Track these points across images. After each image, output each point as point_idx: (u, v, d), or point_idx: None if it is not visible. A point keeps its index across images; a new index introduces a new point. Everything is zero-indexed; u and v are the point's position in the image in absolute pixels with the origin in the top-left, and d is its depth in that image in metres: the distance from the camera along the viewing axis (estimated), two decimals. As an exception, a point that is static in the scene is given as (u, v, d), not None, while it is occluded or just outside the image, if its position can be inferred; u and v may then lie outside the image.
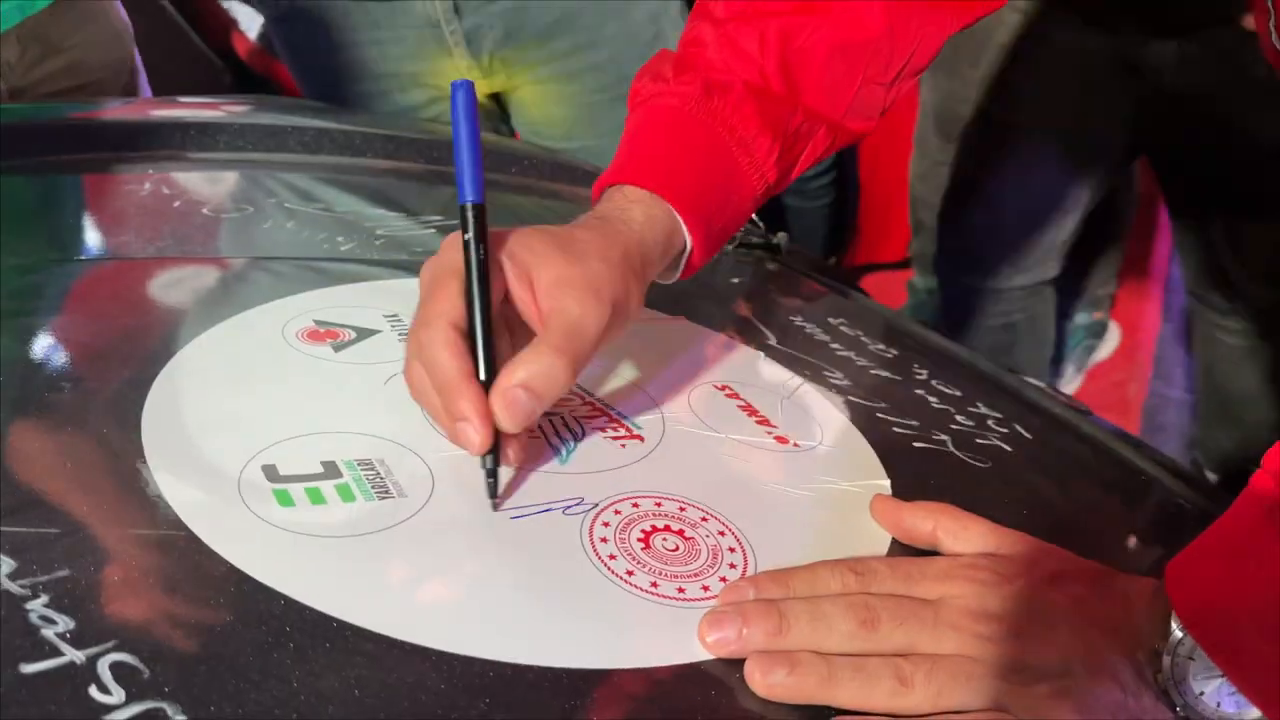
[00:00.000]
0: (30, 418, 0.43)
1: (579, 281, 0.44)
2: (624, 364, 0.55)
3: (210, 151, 0.78)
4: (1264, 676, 0.35)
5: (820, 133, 0.56)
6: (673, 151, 0.53)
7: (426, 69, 1.04)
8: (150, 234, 0.64)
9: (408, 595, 0.37)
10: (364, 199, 0.77)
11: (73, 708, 0.31)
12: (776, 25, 0.54)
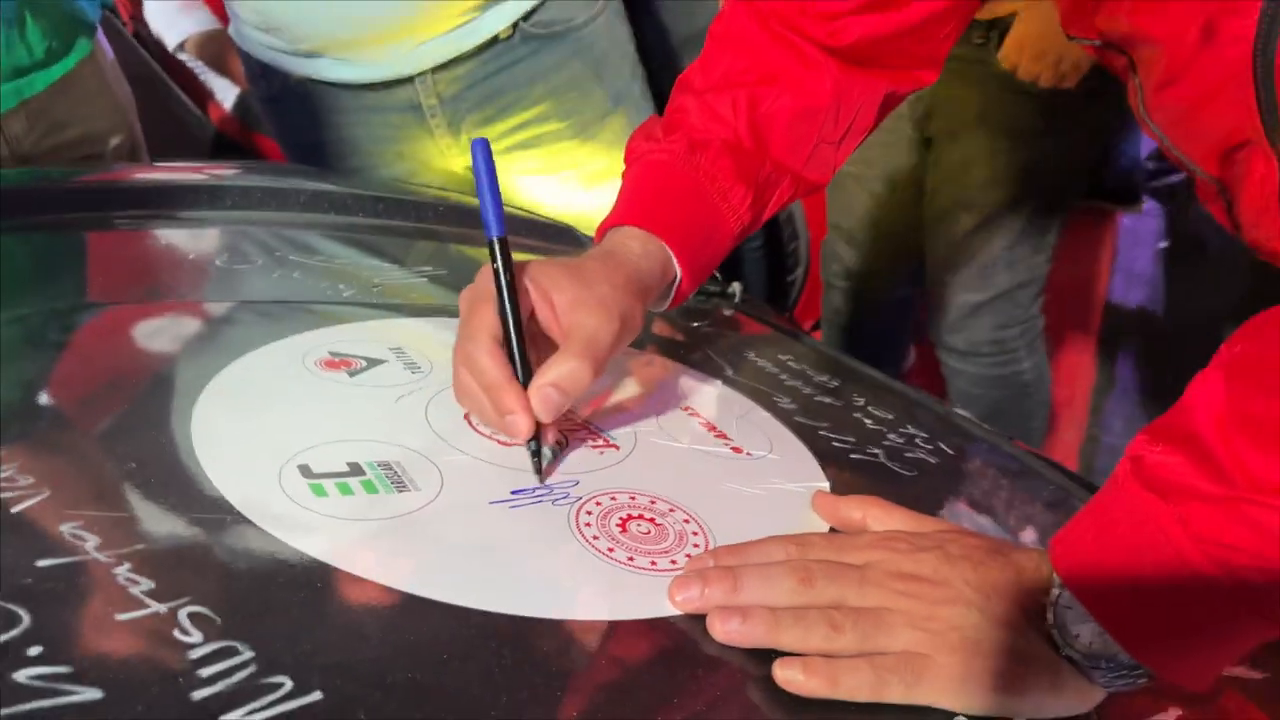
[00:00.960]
0: (97, 430, 0.50)
1: (592, 301, 0.54)
2: (608, 394, 0.63)
3: (219, 210, 0.86)
4: (1124, 618, 0.44)
5: (785, 182, 0.66)
6: (663, 198, 0.63)
7: (408, 146, 1.13)
8: (173, 282, 0.71)
9: (425, 562, 0.45)
10: (359, 252, 0.85)
11: (162, 646, 0.38)
12: (745, 94, 0.65)
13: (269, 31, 1.06)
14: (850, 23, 0.64)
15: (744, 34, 0.67)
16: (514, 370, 0.53)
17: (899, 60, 0.67)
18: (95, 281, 0.70)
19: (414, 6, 0.99)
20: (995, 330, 1.40)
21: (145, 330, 0.62)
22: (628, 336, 0.57)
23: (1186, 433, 0.43)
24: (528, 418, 0.51)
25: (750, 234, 0.68)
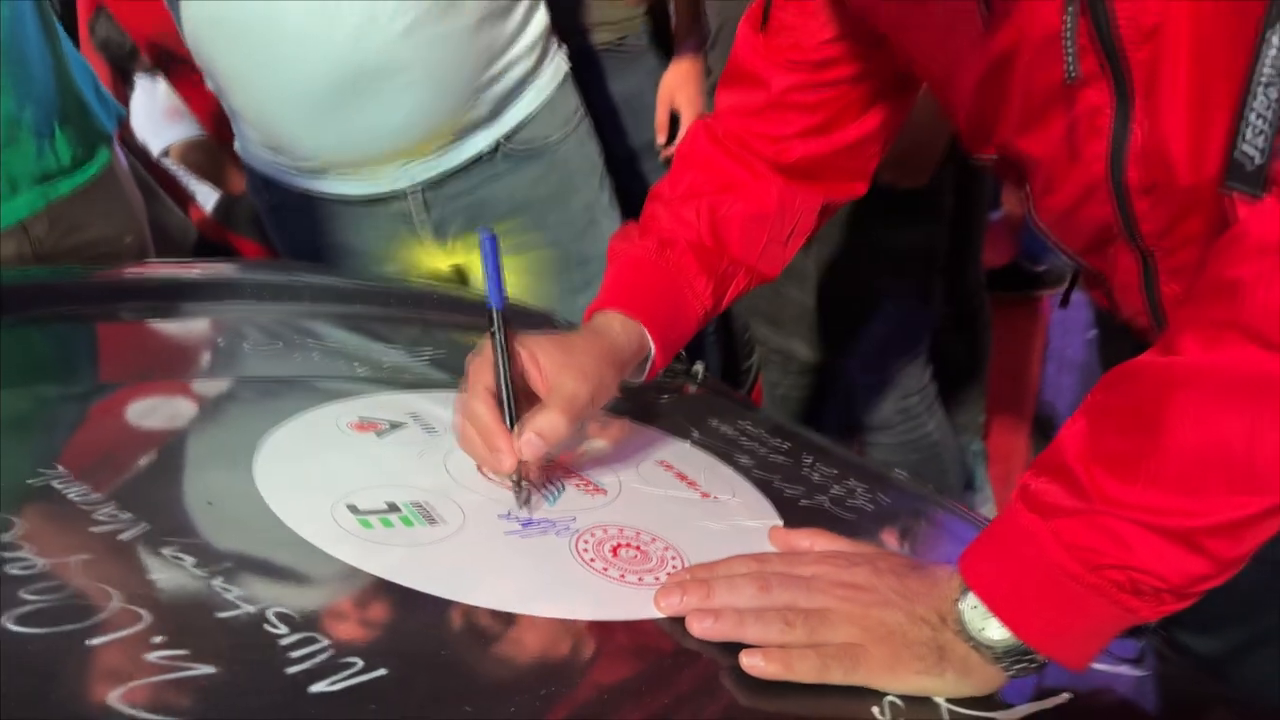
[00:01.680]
0: (177, 477, 0.61)
1: (573, 367, 0.66)
2: (595, 449, 0.74)
3: (241, 301, 0.97)
4: (1017, 614, 0.55)
5: (741, 274, 0.80)
6: (639, 287, 0.76)
7: (398, 250, 1.25)
8: (214, 363, 0.82)
9: (455, 574, 0.55)
10: (365, 337, 0.96)
11: (258, 635, 0.48)
12: (706, 202, 0.78)
13: (275, 150, 1.18)
14: (792, 144, 0.78)
15: (705, 153, 0.81)
16: (504, 418, 0.64)
17: (834, 175, 0.81)
18: (149, 361, 0.80)
19: (408, 132, 1.12)
20: (899, 402, 1.54)
21: (202, 400, 0.72)
22: (603, 398, 0.69)
23: (1058, 464, 0.55)
24: (512, 457, 0.63)
25: (713, 317, 0.80)
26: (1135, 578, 0.52)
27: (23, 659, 0.45)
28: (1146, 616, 0.54)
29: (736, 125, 0.79)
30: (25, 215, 1.15)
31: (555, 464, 0.70)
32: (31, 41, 1.13)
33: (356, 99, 1.07)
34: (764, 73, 0.77)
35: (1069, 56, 0.58)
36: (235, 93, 1.14)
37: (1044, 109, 0.64)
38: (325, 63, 1.05)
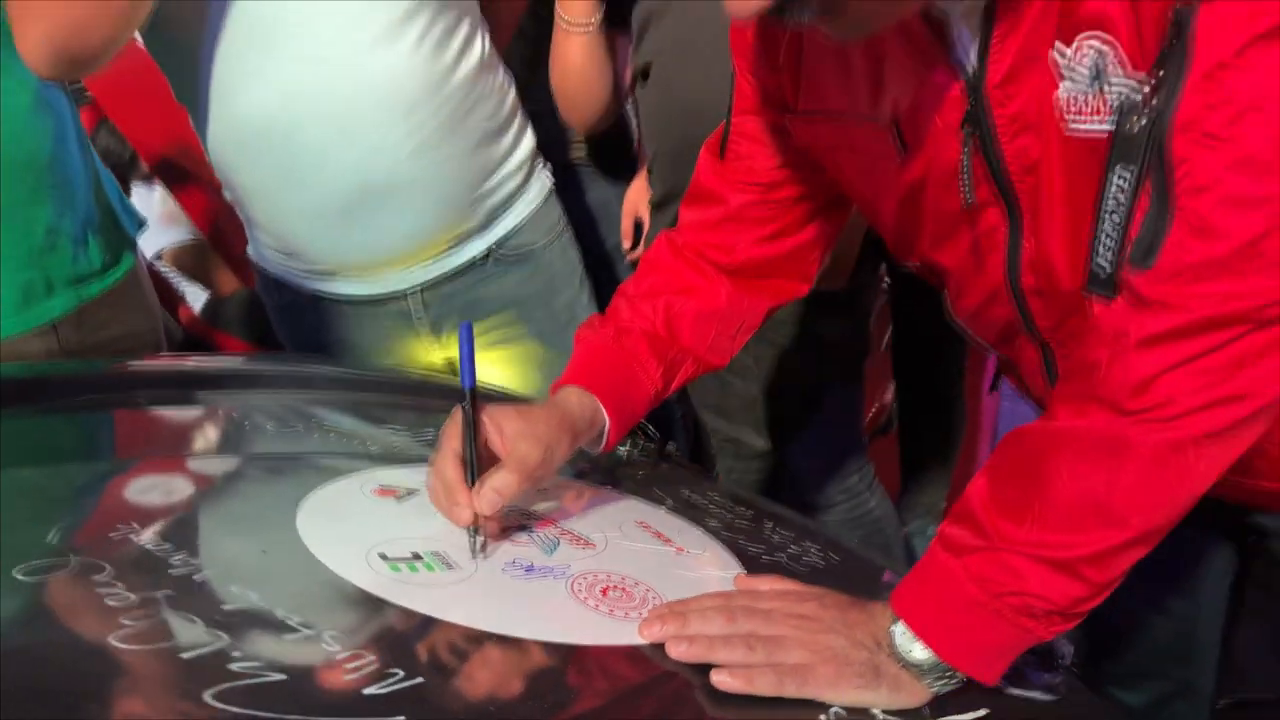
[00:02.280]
0: (233, 532, 0.72)
1: (530, 434, 0.79)
2: (585, 512, 0.86)
3: (259, 390, 1.09)
4: (939, 638, 0.67)
5: (689, 362, 0.92)
6: (596, 368, 0.89)
7: (397, 345, 1.37)
8: (245, 440, 0.93)
9: (472, 607, 0.66)
10: (376, 421, 1.08)
11: (317, 652, 0.59)
12: (663, 300, 0.92)
13: (288, 255, 1.31)
14: (745, 250, 0.93)
15: (665, 260, 0.95)
16: (466, 477, 0.76)
17: (781, 276, 0.95)
18: (193, 439, 0.92)
19: (412, 240, 1.25)
20: (841, 482, 1.66)
21: (242, 471, 0.84)
22: (556, 461, 0.82)
23: (966, 512, 0.68)
24: (469, 510, 0.74)
25: (664, 397, 0.93)
26: (1029, 602, 0.64)
27: (127, 669, 0.56)
28: (1042, 635, 0.66)
29: (695, 238, 0.94)
30: (59, 315, 1.26)
31: (551, 523, 0.81)
32: (73, 156, 1.27)
33: (367, 212, 1.21)
34: (722, 192, 0.92)
35: (965, 187, 0.73)
36: (255, 204, 1.27)
37: (952, 227, 0.79)
38: (341, 180, 1.19)
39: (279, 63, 1.16)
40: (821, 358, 1.60)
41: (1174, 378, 0.60)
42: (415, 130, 1.19)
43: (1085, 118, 0.65)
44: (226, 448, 0.91)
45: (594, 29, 1.40)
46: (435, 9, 1.19)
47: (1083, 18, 0.62)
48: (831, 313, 1.55)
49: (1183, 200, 0.60)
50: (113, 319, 1.34)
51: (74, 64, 1.11)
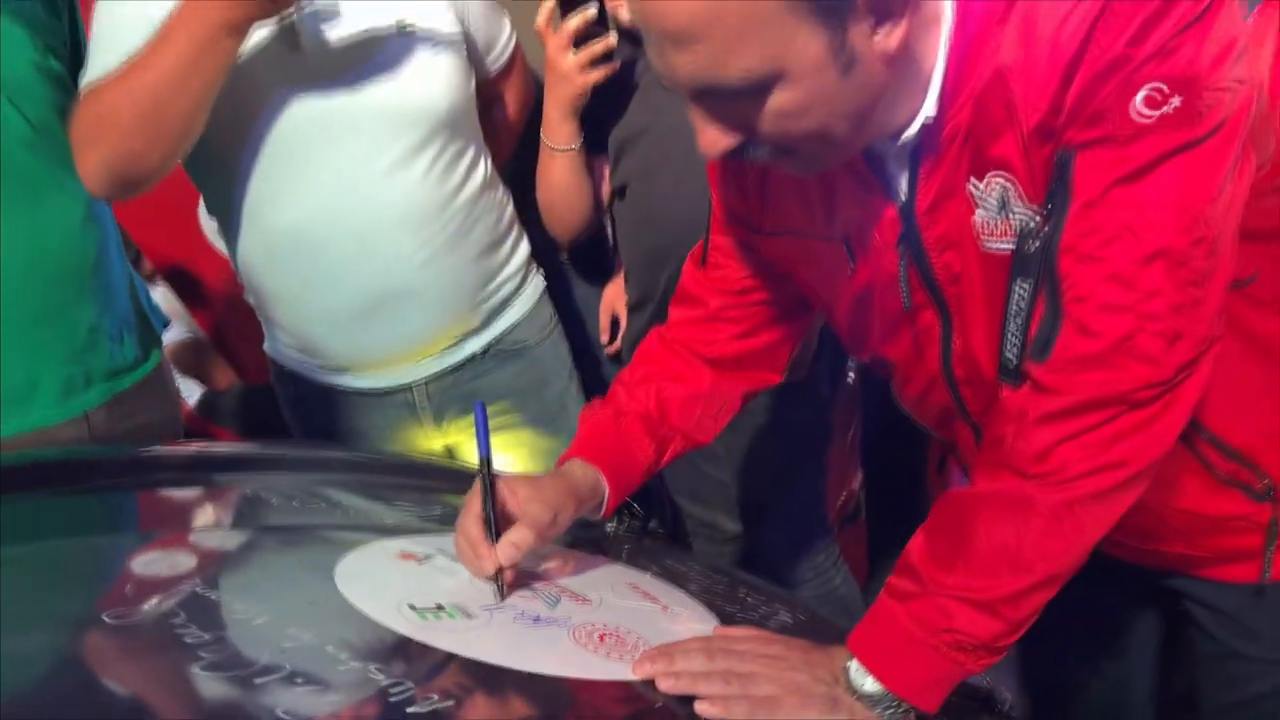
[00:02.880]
0: (283, 589, 0.83)
1: (539, 497, 0.92)
2: (582, 575, 0.97)
3: (284, 471, 1.20)
4: (887, 672, 0.79)
5: (678, 439, 1.06)
6: (597, 443, 1.02)
7: (401, 433, 1.49)
8: (278, 514, 1.05)
9: (491, 647, 0.78)
10: (386, 500, 1.19)
11: (365, 680, 0.70)
12: (654, 386, 1.06)
13: (305, 353, 1.44)
14: (724, 345, 1.07)
15: (657, 352, 1.09)
16: (488, 535, 0.88)
17: (754, 368, 1.09)
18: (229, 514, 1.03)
19: (419, 339, 1.39)
20: (810, 560, 1.78)
21: (281, 540, 0.95)
22: (564, 521, 0.95)
23: (907, 564, 0.81)
24: (492, 562, 0.87)
25: (656, 470, 1.06)
26: (959, 639, 0.77)
27: (208, 692, 0.67)
28: (971, 668, 0.78)
29: (682, 333, 1.08)
30: (94, 406, 1.38)
31: (552, 584, 0.93)
32: (114, 263, 1.40)
33: (381, 315, 1.35)
34: (703, 295, 1.07)
35: (904, 293, 0.87)
36: (278, 307, 1.41)
37: (895, 326, 0.93)
38: (360, 287, 1.33)
39: (309, 184, 1.31)
40: (787, 444, 1.74)
41: (1066, 449, 0.74)
42: (426, 243, 1.34)
43: (996, 238, 0.80)
44: (263, 520, 1.02)
45: (575, 152, 1.57)
46: (445, 139, 1.35)
47: (989, 159, 0.78)
48: (794, 402, 1.69)
49: (1068, 307, 0.74)
50: (139, 409, 1.45)
51: (127, 186, 1.25)
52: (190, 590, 0.80)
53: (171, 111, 1.19)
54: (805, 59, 0.70)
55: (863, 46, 0.71)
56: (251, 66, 1.27)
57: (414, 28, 1.33)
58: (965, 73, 0.76)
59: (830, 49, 0.70)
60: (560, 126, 1.53)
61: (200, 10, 1.15)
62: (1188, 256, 0.72)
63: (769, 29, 0.69)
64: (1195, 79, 0.69)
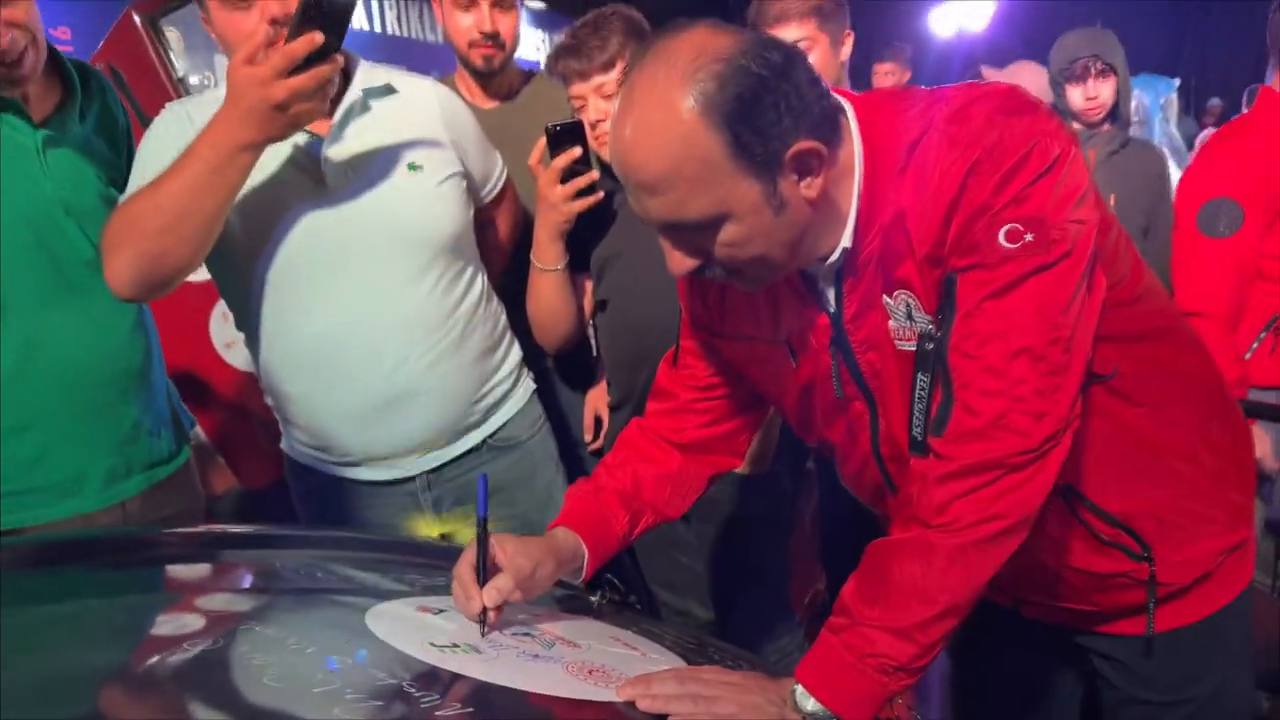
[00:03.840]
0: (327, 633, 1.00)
1: (524, 552, 1.09)
2: (572, 628, 1.14)
3: (307, 548, 1.37)
4: (825, 693, 0.96)
5: (649, 512, 1.24)
6: (579, 514, 1.21)
7: (403, 520, 1.66)
8: (307, 578, 1.21)
9: (501, 675, 0.94)
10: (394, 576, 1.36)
11: (402, 692, 0.87)
12: (631, 468, 1.24)
13: (320, 448, 1.61)
14: (691, 432, 1.26)
15: (635, 439, 1.28)
16: (477, 579, 1.05)
17: (718, 452, 1.28)
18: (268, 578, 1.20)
19: (423, 435, 1.57)
20: (774, 644, 1.93)
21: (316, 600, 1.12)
22: (544, 573, 1.11)
23: (841, 604, 0.99)
24: (478, 603, 1.04)
25: (630, 539, 1.23)
26: (882, 662, 0.94)
27: (277, 701, 0.84)
28: (893, 688, 0.96)
29: (656, 422, 1.27)
30: (132, 495, 1.55)
31: (548, 634, 1.10)
32: (155, 367, 1.59)
33: (389, 413, 1.54)
34: (674, 390, 1.26)
35: (836, 385, 1.08)
36: (296, 407, 1.59)
37: (833, 413, 1.14)
38: (371, 388, 1.52)
39: (328, 299, 1.51)
40: (753, 533, 1.92)
41: (959, 504, 0.94)
42: (431, 349, 1.54)
43: (905, 340, 1.01)
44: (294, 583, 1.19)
45: (562, 271, 1.78)
46: (447, 259, 1.57)
47: (896, 279, 0.99)
48: (759, 493, 1.88)
49: (957, 393, 0.95)
50: (169, 500, 1.62)
51: (150, 287, 1.41)
52: (249, 628, 0.97)
53: (192, 217, 1.36)
54: (746, 204, 0.93)
55: (790, 194, 0.94)
56: (279, 195, 1.48)
57: (421, 168, 1.55)
58: (874, 213, 0.98)
59: (765, 196, 0.93)
60: (549, 249, 1.75)
61: (222, 131, 1.33)
62: (1046, 352, 0.93)
63: (717, 182, 0.92)
64: (1044, 219, 0.91)
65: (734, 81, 0.91)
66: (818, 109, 0.94)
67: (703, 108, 0.91)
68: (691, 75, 0.91)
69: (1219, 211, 1.99)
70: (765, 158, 0.92)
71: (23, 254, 1.44)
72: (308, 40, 1.29)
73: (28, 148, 1.46)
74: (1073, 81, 2.72)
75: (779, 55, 0.93)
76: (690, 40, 0.94)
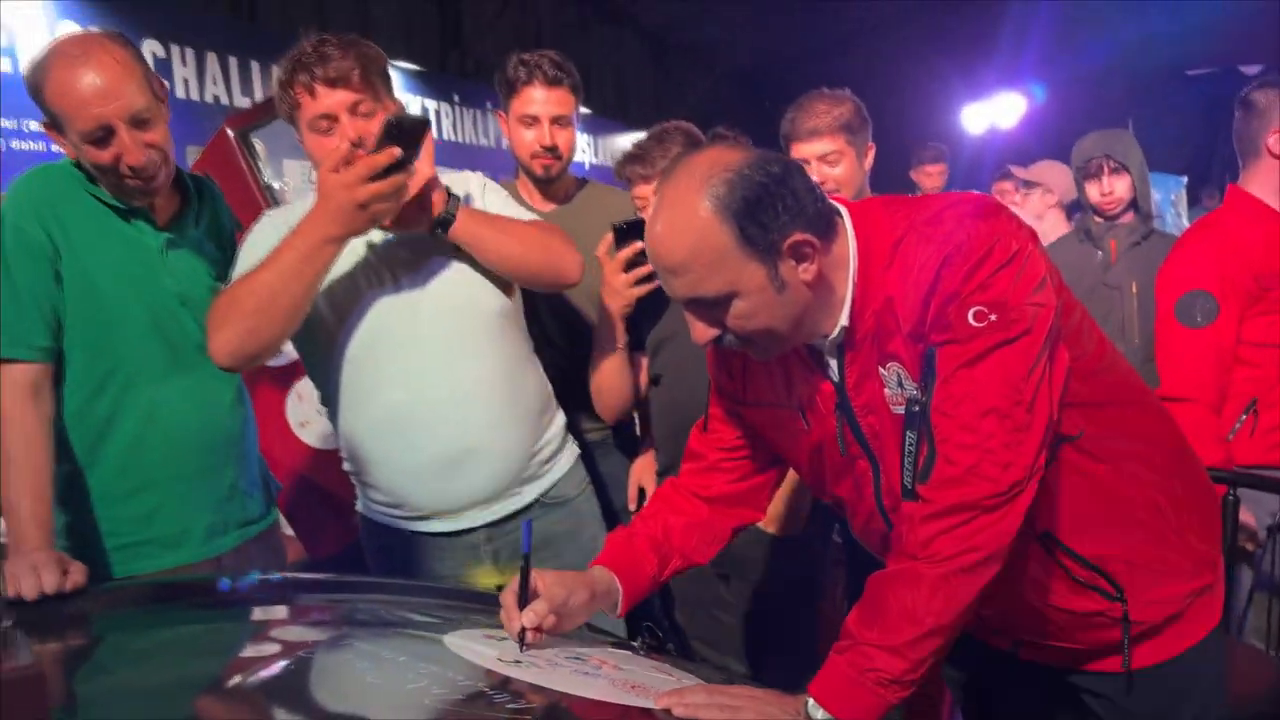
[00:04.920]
0: (410, 646, 1.19)
1: (560, 583, 1.28)
2: (616, 656, 1.32)
3: (388, 594, 1.56)
4: (835, 705, 1.12)
5: (676, 557, 1.42)
6: (615, 555, 1.39)
7: (463, 571, 1.85)
8: (384, 617, 1.41)
9: (556, 682, 1.12)
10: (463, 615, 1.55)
11: (483, 697, 1.05)
12: (662, 519, 1.43)
13: (394, 506, 1.82)
14: (717, 489, 1.44)
15: (667, 494, 1.47)
16: (518, 604, 1.23)
17: (742, 506, 1.46)
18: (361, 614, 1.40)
19: (485, 489, 1.78)
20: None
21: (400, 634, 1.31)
22: (577, 601, 1.29)
23: (845, 629, 1.16)
24: (519, 623, 1.22)
25: (660, 579, 1.41)
26: (879, 676, 1.11)
27: (376, 695, 1.03)
28: (891, 699, 1.12)
29: (687, 480, 1.46)
30: (227, 550, 1.75)
31: (595, 660, 1.28)
32: (250, 434, 1.81)
33: (454, 470, 1.74)
34: (704, 452, 1.46)
35: (841, 445, 1.27)
36: (373, 469, 1.80)
37: (841, 471, 1.32)
38: (441, 448, 1.73)
39: (400, 371, 1.73)
40: (786, 593, 2.08)
41: (941, 539, 1.11)
42: (488, 410, 1.76)
43: (898, 404, 1.20)
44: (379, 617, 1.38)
45: (622, 350, 2.02)
46: (499, 329, 1.81)
47: (888, 353, 1.19)
48: (792, 555, 2.05)
49: (938, 447, 1.14)
50: (258, 555, 1.83)
51: (247, 359, 1.65)
52: (346, 644, 1.16)
53: (283, 299, 1.60)
54: (752, 283, 1.15)
55: (790, 276, 1.15)
56: (357, 282, 1.73)
57: None
58: (867, 298, 1.18)
59: (768, 277, 1.14)
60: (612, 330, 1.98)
61: (311, 226, 1.59)
62: (1011, 412, 1.11)
63: (727, 265, 1.14)
64: (1005, 302, 1.11)
65: (741, 186, 1.13)
66: (812, 209, 1.16)
67: (715, 207, 1.13)
68: (707, 181, 1.14)
69: (1195, 304, 2.13)
70: (766, 246, 1.14)
71: (145, 337, 1.68)
72: (388, 153, 1.55)
73: (152, 248, 1.71)
74: (1089, 179, 2.97)
75: (779, 167, 1.16)
76: (708, 156, 1.17)
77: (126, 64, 1.60)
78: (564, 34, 7.72)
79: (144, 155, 1.60)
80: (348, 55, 1.65)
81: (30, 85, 1.61)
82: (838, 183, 2.30)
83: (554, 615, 1.25)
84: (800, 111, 2.30)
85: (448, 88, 6.36)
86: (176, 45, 4.78)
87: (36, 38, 4.08)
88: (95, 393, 1.67)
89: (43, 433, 1.60)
